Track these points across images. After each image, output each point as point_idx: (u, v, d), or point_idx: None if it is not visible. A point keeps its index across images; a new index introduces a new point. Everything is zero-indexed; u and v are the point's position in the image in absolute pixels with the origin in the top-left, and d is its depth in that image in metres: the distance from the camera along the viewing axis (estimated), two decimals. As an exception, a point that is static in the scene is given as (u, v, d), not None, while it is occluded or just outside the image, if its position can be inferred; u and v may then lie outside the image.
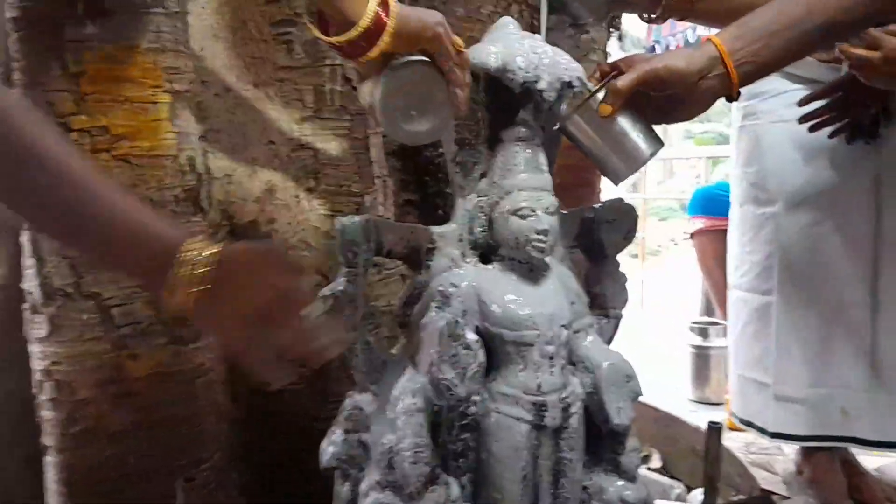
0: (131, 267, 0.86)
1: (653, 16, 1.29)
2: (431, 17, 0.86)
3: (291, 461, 1.41)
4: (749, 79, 1.04)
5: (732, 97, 1.06)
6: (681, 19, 1.33)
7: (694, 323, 2.87)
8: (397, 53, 0.88)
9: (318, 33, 0.86)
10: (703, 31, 5.32)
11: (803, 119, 1.49)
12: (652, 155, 1.05)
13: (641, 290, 5.21)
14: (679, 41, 5.33)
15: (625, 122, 1.03)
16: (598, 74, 1.09)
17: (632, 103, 1.03)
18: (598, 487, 1.10)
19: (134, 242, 0.79)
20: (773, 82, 1.69)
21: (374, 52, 0.83)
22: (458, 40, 0.90)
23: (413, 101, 0.90)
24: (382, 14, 0.82)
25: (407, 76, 0.88)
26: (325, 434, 1.08)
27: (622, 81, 1.01)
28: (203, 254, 0.76)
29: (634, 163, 1.05)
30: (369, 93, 0.91)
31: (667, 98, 1.05)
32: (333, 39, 0.83)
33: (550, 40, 1.06)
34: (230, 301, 0.78)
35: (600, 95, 1.03)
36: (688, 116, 1.09)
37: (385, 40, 0.82)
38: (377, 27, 0.82)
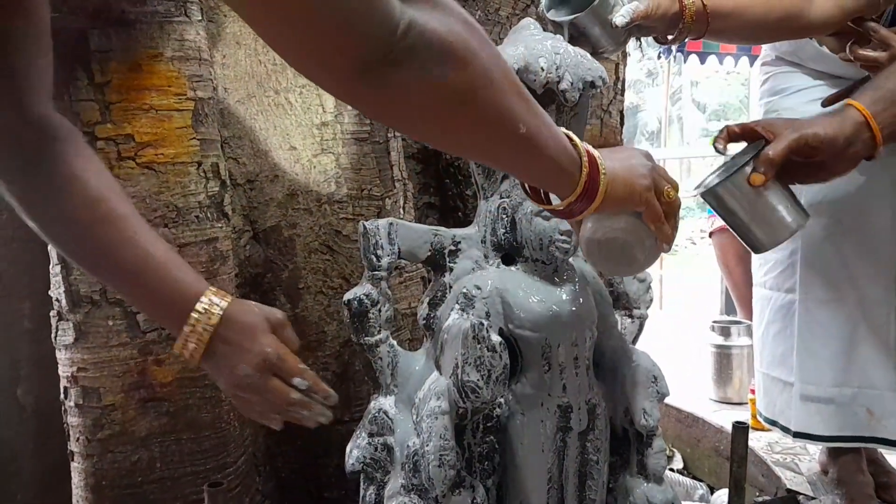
0: (150, 312, 0.96)
1: (670, 37, 1.31)
2: (640, 178, 0.83)
3: (313, 466, 1.42)
4: (889, 140, 1.04)
5: (873, 158, 1.05)
6: (697, 38, 1.35)
7: (715, 322, 2.84)
8: None
9: (537, 204, 0.87)
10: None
11: None
12: (798, 229, 1.03)
13: (661, 290, 5.19)
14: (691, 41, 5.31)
15: (772, 193, 1.00)
16: (725, 135, 1.08)
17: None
18: (625, 489, 1.10)
19: (157, 290, 0.85)
20: (795, 78, 1.68)
21: (588, 212, 0.82)
22: (671, 190, 0.86)
23: (619, 246, 0.88)
24: (593, 176, 0.80)
25: (615, 226, 0.86)
26: (348, 438, 1.09)
27: (773, 151, 0.99)
28: (212, 309, 0.84)
29: (779, 236, 1.03)
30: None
31: (810, 163, 1.03)
32: (555, 207, 0.83)
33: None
34: (226, 357, 0.85)
35: (748, 168, 0.99)
36: (827, 179, 1.08)
37: (598, 202, 0.80)
38: (590, 190, 0.80)
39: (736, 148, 1.10)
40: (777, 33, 1.45)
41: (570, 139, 0.79)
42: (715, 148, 1.11)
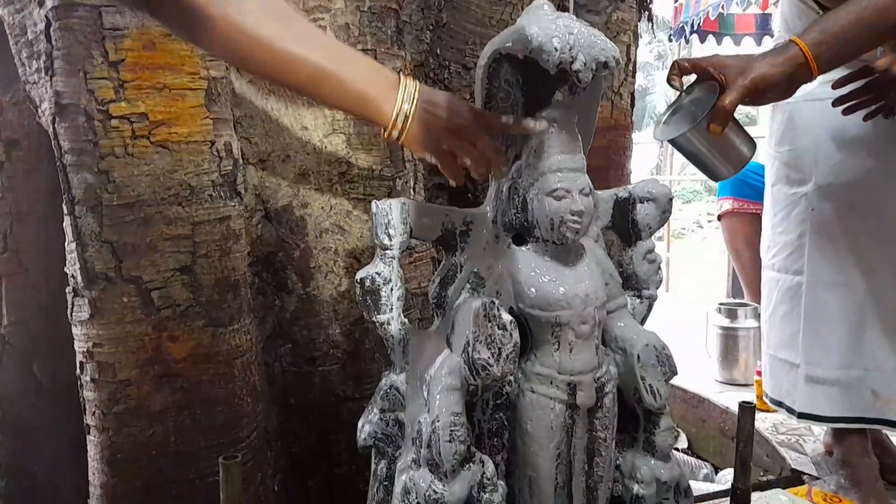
0: (356, 89, 0.94)
1: None
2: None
3: (324, 442, 1.44)
4: (823, 72, 1.18)
5: (807, 82, 1.19)
6: None
7: (721, 304, 2.85)
8: None
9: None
10: (732, 9, 5.20)
11: (837, 102, 1.47)
12: (752, 156, 1.21)
13: (668, 272, 5.19)
14: (702, 18, 5.25)
15: (728, 133, 1.16)
16: (678, 71, 1.21)
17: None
18: (632, 466, 1.11)
19: (361, 68, 0.94)
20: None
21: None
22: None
23: None
24: None
25: None
26: (358, 414, 1.10)
27: (729, 102, 1.12)
28: (411, 89, 0.94)
29: (739, 165, 1.20)
30: None
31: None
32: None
33: (585, 17, 1.07)
34: (436, 115, 0.95)
35: (705, 121, 1.13)
36: (767, 103, 1.24)
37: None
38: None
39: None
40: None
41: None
42: (670, 84, 1.24)
